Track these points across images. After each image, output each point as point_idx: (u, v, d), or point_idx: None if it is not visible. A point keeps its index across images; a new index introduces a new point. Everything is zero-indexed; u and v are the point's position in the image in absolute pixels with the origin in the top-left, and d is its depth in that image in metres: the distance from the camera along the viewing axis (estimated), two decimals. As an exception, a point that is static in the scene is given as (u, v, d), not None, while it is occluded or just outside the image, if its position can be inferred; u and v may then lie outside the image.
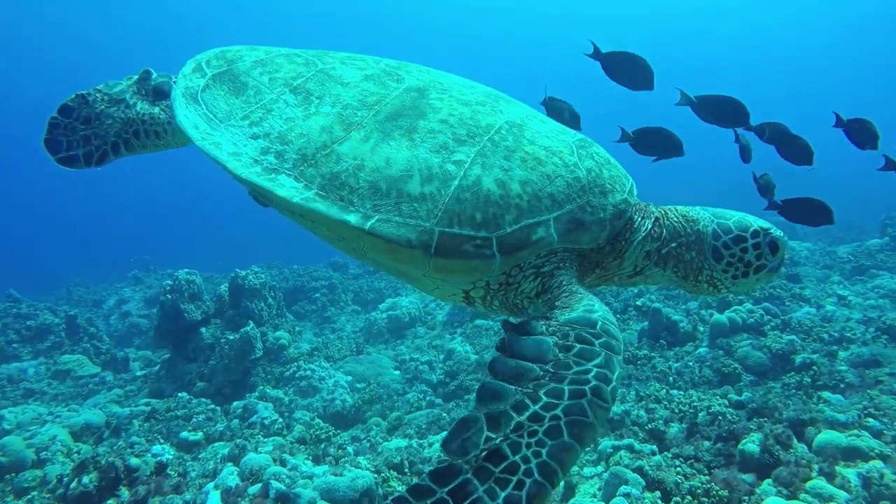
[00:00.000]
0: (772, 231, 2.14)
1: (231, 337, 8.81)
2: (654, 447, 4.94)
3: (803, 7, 52.76)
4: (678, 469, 4.48)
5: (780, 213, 5.14)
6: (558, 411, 1.44)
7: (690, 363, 7.20)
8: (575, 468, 4.79)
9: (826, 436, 4.56)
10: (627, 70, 4.90)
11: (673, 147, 5.09)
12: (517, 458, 1.36)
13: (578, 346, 1.61)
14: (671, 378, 6.94)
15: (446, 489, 1.31)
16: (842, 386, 6.15)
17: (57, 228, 50.80)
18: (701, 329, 7.99)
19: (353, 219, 1.85)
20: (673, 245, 2.17)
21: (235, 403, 7.38)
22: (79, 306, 16.08)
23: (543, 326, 1.69)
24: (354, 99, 2.08)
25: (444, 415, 7.03)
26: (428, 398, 7.94)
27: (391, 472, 5.21)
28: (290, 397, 7.65)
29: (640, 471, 4.33)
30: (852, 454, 4.37)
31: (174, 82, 2.42)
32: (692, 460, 4.80)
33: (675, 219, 2.20)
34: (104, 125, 2.41)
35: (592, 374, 1.53)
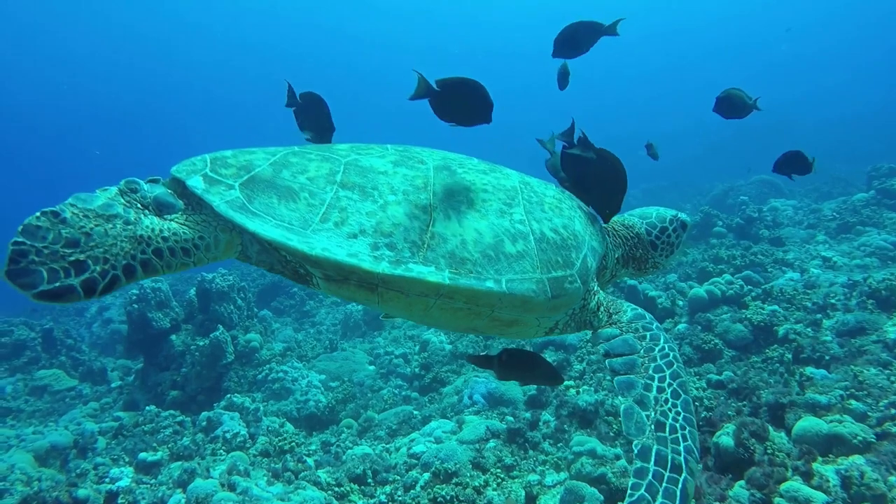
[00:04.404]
0: (679, 215, 2.86)
1: (201, 343, 8.53)
2: (619, 451, 4.64)
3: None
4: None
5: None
6: (668, 377, 2.13)
7: (670, 341, 6.91)
8: (535, 477, 4.51)
9: (806, 423, 4.26)
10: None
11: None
12: (670, 420, 2.03)
13: (648, 334, 2.28)
14: (650, 359, 6.66)
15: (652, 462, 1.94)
16: (826, 358, 5.81)
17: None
18: (680, 303, 7.68)
19: (491, 285, 2.04)
20: (627, 248, 2.79)
21: (203, 414, 7.11)
22: (61, 315, 15.77)
23: (618, 330, 2.32)
24: (406, 184, 2.15)
25: (416, 413, 6.76)
26: (403, 393, 7.68)
27: (352, 484, 4.96)
28: (257, 404, 7.37)
29: (602, 479, 4.03)
30: (834, 442, 4.07)
31: (170, 194, 2.11)
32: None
33: (620, 229, 2.80)
34: (103, 246, 1.90)
35: (668, 346, 2.25)
